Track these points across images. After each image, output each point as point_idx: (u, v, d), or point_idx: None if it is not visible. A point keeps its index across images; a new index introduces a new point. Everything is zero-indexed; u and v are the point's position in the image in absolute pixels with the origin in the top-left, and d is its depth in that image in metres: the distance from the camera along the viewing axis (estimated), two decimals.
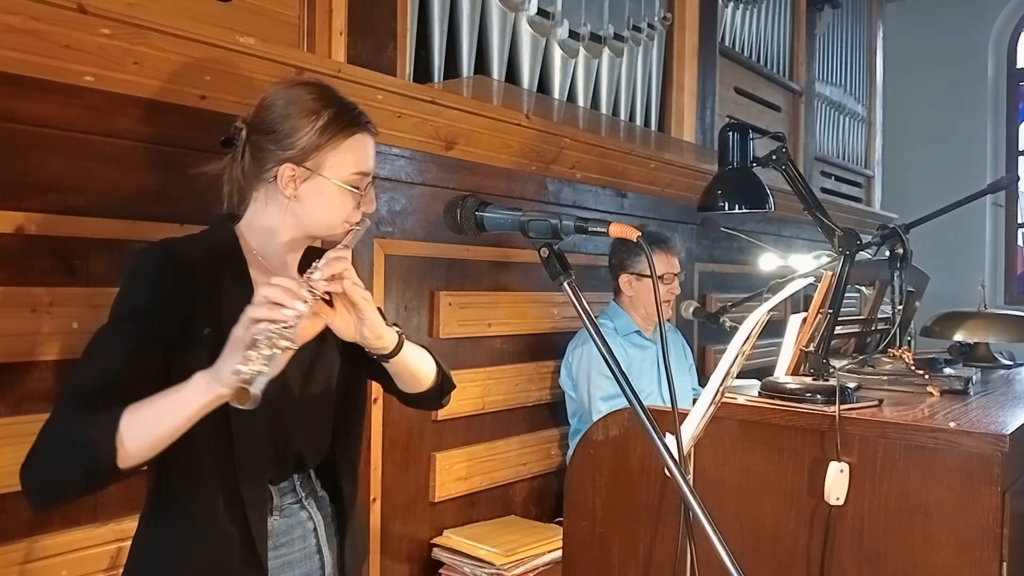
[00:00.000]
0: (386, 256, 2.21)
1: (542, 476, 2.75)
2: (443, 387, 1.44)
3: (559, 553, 1.98)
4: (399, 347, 1.29)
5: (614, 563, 1.76)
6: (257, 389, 0.97)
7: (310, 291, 1.10)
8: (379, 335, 1.26)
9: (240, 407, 0.98)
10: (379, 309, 1.31)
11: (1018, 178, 6.18)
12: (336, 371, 1.35)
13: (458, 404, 2.43)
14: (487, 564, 2.24)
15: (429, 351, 1.42)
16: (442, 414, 2.37)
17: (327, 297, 1.19)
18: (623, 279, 2.74)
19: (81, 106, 1.54)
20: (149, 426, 1.04)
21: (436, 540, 2.37)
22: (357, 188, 1.26)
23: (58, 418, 1.09)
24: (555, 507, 2.67)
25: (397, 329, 1.30)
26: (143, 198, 1.64)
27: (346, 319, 1.23)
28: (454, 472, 2.42)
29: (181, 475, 1.21)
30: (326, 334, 1.27)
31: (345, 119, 1.25)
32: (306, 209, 1.26)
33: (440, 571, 2.34)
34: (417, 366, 1.36)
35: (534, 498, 2.73)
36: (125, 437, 1.03)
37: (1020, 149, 6.19)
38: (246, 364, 0.98)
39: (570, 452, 2.65)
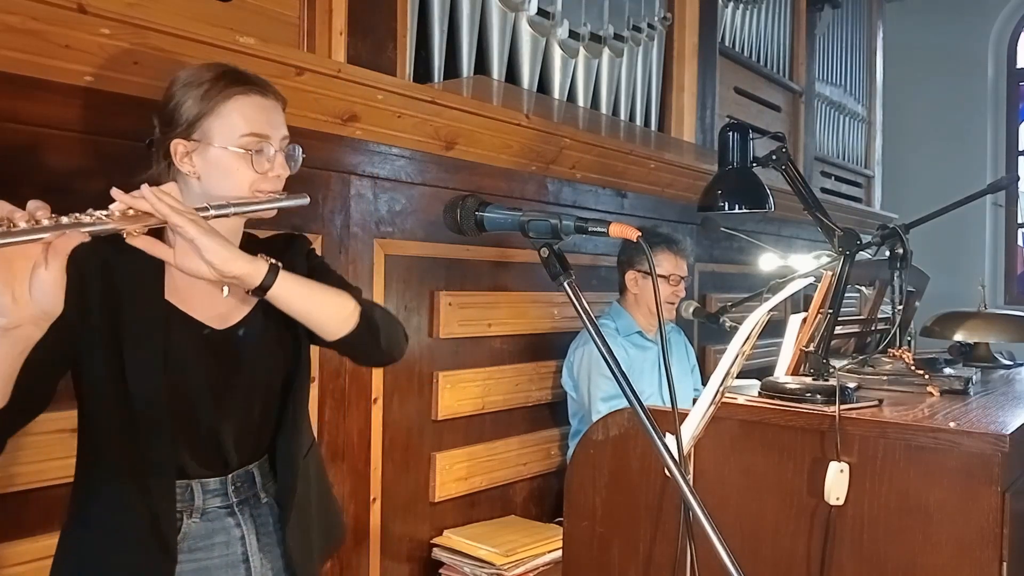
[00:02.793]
0: (386, 256, 2.21)
1: (542, 476, 2.75)
2: (369, 328, 1.28)
3: (559, 553, 1.98)
4: (272, 277, 1.16)
5: (614, 563, 1.76)
6: None
7: (86, 215, 1.03)
8: (225, 260, 1.12)
9: None
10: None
11: (1018, 178, 6.18)
12: (270, 364, 1.30)
13: (458, 404, 2.43)
14: (487, 564, 2.24)
15: (361, 296, 1.31)
16: (442, 414, 2.37)
17: (134, 231, 1.09)
18: (629, 276, 2.74)
19: (81, 106, 1.54)
20: None
21: (436, 540, 2.37)
22: (250, 150, 1.21)
23: None
24: (555, 507, 2.66)
25: (270, 260, 1.18)
26: None
27: (187, 253, 1.11)
28: (454, 472, 2.42)
29: (95, 471, 1.22)
30: (262, 325, 1.24)
31: (223, 82, 1.22)
32: (208, 183, 1.22)
33: (440, 571, 2.34)
34: (314, 302, 1.23)
35: (534, 498, 2.73)
36: None
37: (1020, 149, 6.19)
38: None
39: (570, 452, 2.65)
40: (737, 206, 2.10)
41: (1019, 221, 6.20)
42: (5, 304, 0.98)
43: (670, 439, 1.12)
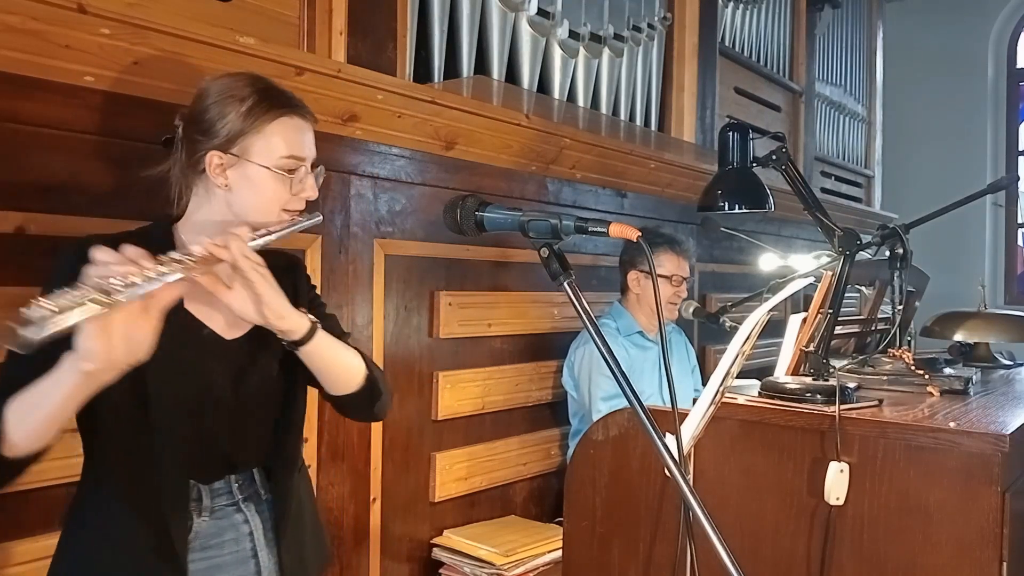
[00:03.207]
0: (386, 256, 2.21)
1: (542, 476, 2.75)
2: (371, 394, 1.34)
3: (559, 553, 1.98)
4: (310, 335, 1.23)
5: (614, 563, 1.76)
6: (30, 333, 0.89)
7: (172, 261, 1.06)
8: (280, 315, 1.19)
9: (7, 346, 0.90)
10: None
11: (1018, 178, 6.18)
12: (273, 376, 1.32)
13: (458, 404, 2.43)
14: (487, 564, 2.24)
15: (366, 357, 1.36)
16: (442, 414, 2.37)
17: (196, 273, 1.12)
18: (631, 276, 2.74)
19: (81, 106, 1.54)
20: (29, 412, 1.03)
21: (436, 540, 2.37)
22: (289, 172, 1.24)
23: None
24: (555, 507, 2.67)
25: (311, 318, 1.25)
26: (144, 198, 1.64)
27: (243, 298, 1.18)
28: (454, 472, 2.42)
29: (101, 473, 1.22)
30: (267, 337, 1.25)
31: (269, 102, 1.24)
32: (238, 198, 1.23)
33: (440, 571, 2.34)
34: (334, 362, 1.29)
35: (534, 498, 2.73)
36: (10, 425, 1.03)
37: (1020, 149, 6.19)
38: (31, 307, 0.91)
39: (570, 452, 2.65)
40: (737, 206, 2.10)
41: (1019, 221, 6.20)
42: (97, 351, 0.98)
43: (670, 439, 1.12)
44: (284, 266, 1.38)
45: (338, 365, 1.30)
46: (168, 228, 1.28)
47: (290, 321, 1.21)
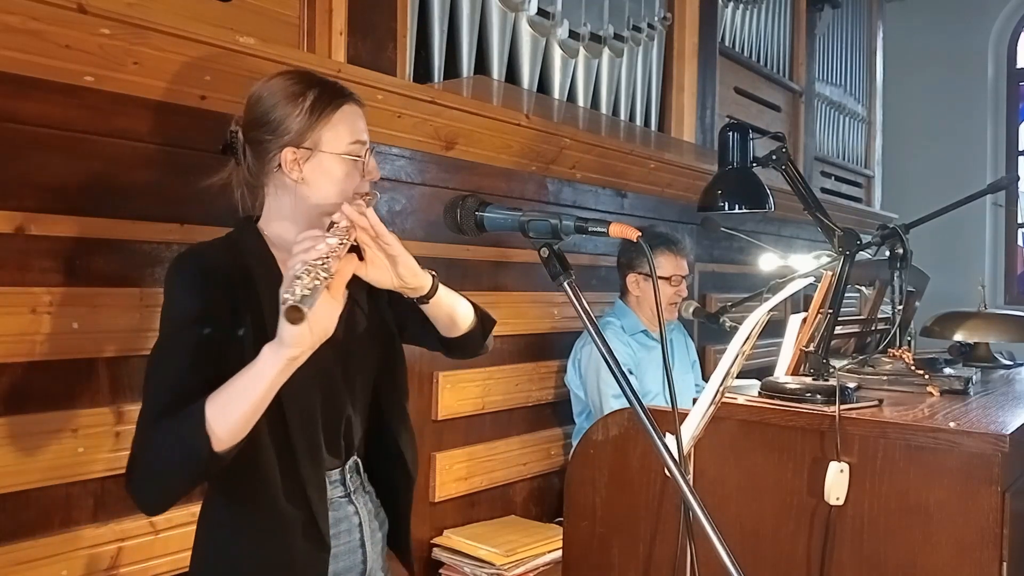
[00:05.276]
0: None
1: (542, 476, 2.75)
2: (484, 326, 1.46)
3: (559, 553, 1.98)
4: (435, 288, 1.33)
5: (614, 563, 1.76)
6: (306, 305, 0.99)
7: (335, 235, 1.14)
8: (415, 273, 1.28)
9: (292, 325, 1.00)
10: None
11: (1018, 178, 6.18)
12: (370, 357, 1.39)
13: (458, 404, 2.43)
14: (487, 564, 2.24)
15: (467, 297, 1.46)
16: (442, 414, 2.37)
17: (354, 243, 1.21)
18: (630, 278, 2.74)
19: (81, 106, 1.54)
20: (232, 406, 1.08)
21: (436, 540, 2.37)
22: (358, 156, 1.30)
23: (149, 431, 1.14)
24: (555, 507, 2.66)
25: (431, 271, 1.33)
26: (143, 198, 1.64)
27: (380, 266, 1.26)
28: (454, 472, 2.42)
29: (240, 462, 1.23)
30: (357, 321, 1.32)
31: (329, 94, 1.31)
32: (314, 188, 1.29)
33: (440, 571, 2.34)
34: (454, 307, 1.40)
35: (534, 498, 2.73)
36: (213, 423, 1.07)
37: (1020, 149, 6.19)
38: (290, 291, 1.00)
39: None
40: (737, 206, 2.10)
41: (1019, 221, 6.20)
42: (303, 335, 1.04)
43: (670, 439, 1.12)
44: None
45: (457, 309, 1.40)
46: (255, 229, 1.32)
47: (421, 277, 1.30)
